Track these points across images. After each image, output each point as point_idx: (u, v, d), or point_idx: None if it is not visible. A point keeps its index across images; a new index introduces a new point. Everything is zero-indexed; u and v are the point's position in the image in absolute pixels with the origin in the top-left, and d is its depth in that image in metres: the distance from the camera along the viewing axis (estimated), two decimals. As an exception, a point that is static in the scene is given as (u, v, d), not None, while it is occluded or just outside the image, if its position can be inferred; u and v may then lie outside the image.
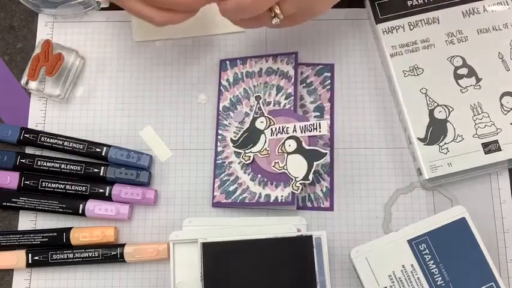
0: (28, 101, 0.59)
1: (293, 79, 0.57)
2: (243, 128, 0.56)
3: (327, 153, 0.54)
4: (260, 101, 0.57)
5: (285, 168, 0.54)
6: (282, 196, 0.53)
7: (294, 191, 0.53)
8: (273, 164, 0.54)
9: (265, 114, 0.56)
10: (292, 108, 0.56)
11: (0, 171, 0.56)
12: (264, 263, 0.50)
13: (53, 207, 0.55)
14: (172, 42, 0.61)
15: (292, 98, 0.56)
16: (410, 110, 0.55)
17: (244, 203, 0.54)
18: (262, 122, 0.56)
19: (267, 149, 0.55)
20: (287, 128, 0.55)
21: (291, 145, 0.54)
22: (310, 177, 0.53)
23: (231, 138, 0.56)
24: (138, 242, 0.55)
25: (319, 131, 0.54)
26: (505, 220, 0.55)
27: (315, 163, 0.53)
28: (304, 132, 0.54)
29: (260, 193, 0.54)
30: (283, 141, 0.55)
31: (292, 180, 0.53)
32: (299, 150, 0.54)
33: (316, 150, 0.54)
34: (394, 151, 0.57)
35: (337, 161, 0.57)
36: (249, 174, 0.55)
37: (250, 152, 0.55)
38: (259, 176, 0.55)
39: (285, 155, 0.54)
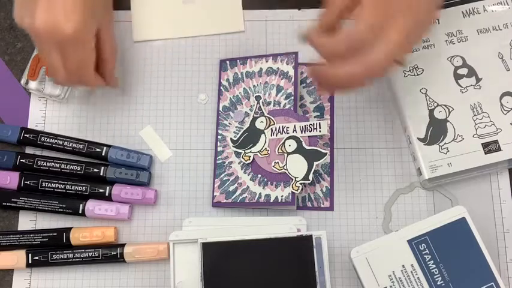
0: (28, 101, 0.59)
1: (293, 79, 0.57)
2: (243, 128, 0.56)
3: (327, 153, 0.54)
4: (260, 101, 0.57)
5: (285, 168, 0.54)
6: (282, 196, 0.53)
7: (294, 191, 0.53)
8: (273, 164, 0.54)
9: (265, 114, 0.56)
10: (292, 108, 0.56)
11: (0, 171, 0.56)
12: (264, 263, 0.50)
13: (53, 207, 0.55)
14: (172, 42, 0.61)
15: (292, 98, 0.56)
16: (410, 110, 0.55)
17: (244, 203, 0.54)
18: (262, 122, 0.56)
19: (267, 149, 0.55)
20: (287, 128, 0.55)
21: (291, 145, 0.54)
22: (310, 177, 0.53)
23: (231, 138, 0.56)
24: (138, 242, 0.55)
25: (319, 131, 0.54)
26: (505, 220, 0.55)
27: (315, 163, 0.53)
28: (304, 132, 0.54)
29: (260, 193, 0.54)
30: (283, 141, 0.55)
31: (292, 180, 0.53)
32: (299, 150, 0.54)
33: (316, 150, 0.54)
34: (394, 151, 0.57)
35: (337, 161, 0.57)
36: (249, 174, 0.55)
37: (250, 152, 0.55)
38: (259, 176, 0.55)
39: (285, 155, 0.54)
